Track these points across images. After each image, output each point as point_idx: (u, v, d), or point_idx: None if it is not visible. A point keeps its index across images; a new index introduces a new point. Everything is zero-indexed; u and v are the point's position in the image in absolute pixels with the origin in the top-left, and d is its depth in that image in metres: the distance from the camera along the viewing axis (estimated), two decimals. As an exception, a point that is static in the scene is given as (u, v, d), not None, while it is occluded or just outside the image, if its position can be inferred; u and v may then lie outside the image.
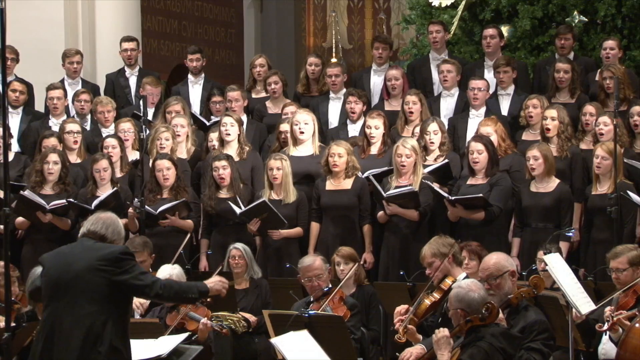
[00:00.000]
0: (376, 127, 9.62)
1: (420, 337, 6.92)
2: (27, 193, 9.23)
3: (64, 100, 10.82)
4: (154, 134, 9.88)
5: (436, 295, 7.21)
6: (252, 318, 8.51)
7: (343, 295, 7.94)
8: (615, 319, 6.78)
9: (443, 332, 6.21)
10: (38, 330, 5.89)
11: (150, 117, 10.54)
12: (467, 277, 7.40)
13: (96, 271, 5.70)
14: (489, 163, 8.97)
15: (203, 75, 11.52)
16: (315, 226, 9.33)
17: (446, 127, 9.82)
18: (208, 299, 7.92)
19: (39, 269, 6.26)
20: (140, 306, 8.15)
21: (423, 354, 6.55)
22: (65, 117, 10.74)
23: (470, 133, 9.84)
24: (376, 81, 11.06)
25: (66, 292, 5.72)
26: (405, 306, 7.19)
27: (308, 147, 9.68)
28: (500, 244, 8.57)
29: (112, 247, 5.82)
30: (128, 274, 5.74)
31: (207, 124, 10.73)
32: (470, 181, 9.07)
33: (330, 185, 9.32)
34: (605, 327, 6.84)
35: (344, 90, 10.69)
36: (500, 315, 6.32)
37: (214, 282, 6.19)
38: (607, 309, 6.98)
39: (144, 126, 9.23)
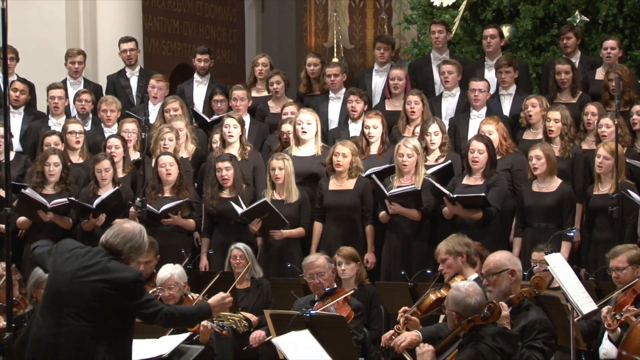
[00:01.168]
0: (374, 126, 9.62)
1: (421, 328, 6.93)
2: (28, 191, 9.23)
3: (64, 100, 10.83)
4: (157, 134, 9.89)
5: (443, 292, 7.23)
6: (253, 318, 8.51)
7: (348, 297, 7.94)
8: (621, 318, 6.80)
9: (427, 347, 6.25)
10: (25, 331, 5.85)
11: (155, 114, 10.56)
12: (477, 279, 7.42)
13: (102, 296, 5.68)
14: (487, 164, 8.97)
15: (209, 75, 11.53)
16: (318, 226, 9.33)
17: (447, 127, 9.82)
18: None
19: (39, 270, 6.25)
20: None
21: (417, 341, 6.56)
22: (64, 117, 10.75)
23: (471, 133, 9.83)
24: (378, 81, 11.07)
25: (65, 304, 5.69)
26: (407, 308, 7.22)
27: (310, 147, 9.68)
28: (497, 245, 8.55)
29: (125, 272, 5.76)
30: (135, 300, 5.74)
31: (209, 120, 10.73)
32: (466, 180, 9.05)
33: (333, 185, 9.32)
34: (614, 326, 6.85)
35: (344, 89, 10.70)
36: (505, 312, 6.32)
37: (217, 303, 6.22)
38: (605, 309, 6.99)
39: (145, 126, 9.23)
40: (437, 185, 8.90)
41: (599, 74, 10.35)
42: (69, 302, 5.68)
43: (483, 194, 8.78)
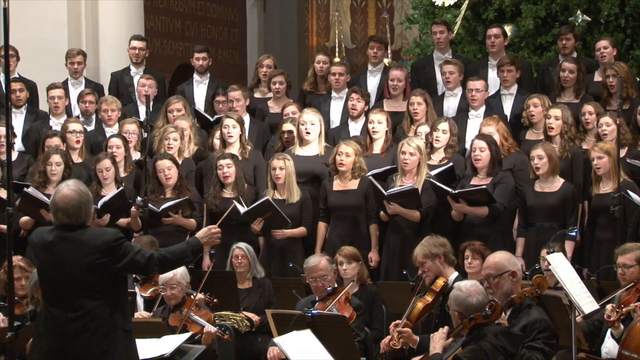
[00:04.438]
0: (379, 121, 9.62)
1: (417, 338, 6.92)
2: (31, 190, 9.24)
3: (64, 99, 10.83)
4: (162, 134, 9.89)
5: (428, 298, 7.23)
6: (255, 317, 8.51)
7: (349, 296, 7.94)
8: (623, 310, 6.81)
9: (442, 330, 6.31)
10: (39, 328, 5.85)
11: (143, 112, 10.55)
12: (459, 277, 7.45)
13: (94, 267, 5.66)
14: (491, 162, 8.97)
15: (208, 75, 11.52)
16: (322, 226, 9.34)
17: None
18: (215, 300, 7.99)
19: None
20: None
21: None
22: (65, 116, 10.75)
23: (469, 133, 9.85)
24: (373, 81, 11.05)
25: (65, 290, 5.69)
26: (398, 321, 7.24)
27: (314, 147, 9.68)
28: (504, 244, 8.56)
29: (103, 236, 5.73)
30: (124, 258, 5.70)
31: (212, 119, 10.73)
32: (473, 181, 9.07)
33: (337, 185, 9.32)
34: (613, 317, 6.86)
35: (346, 89, 10.69)
36: (502, 315, 6.33)
37: (205, 235, 6.10)
38: (609, 307, 6.99)
39: (148, 126, 9.24)
40: (438, 183, 8.90)
41: (597, 76, 10.34)
42: (73, 288, 5.68)
43: (484, 187, 8.78)
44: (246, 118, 10.45)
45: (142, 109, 10.61)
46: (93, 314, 5.66)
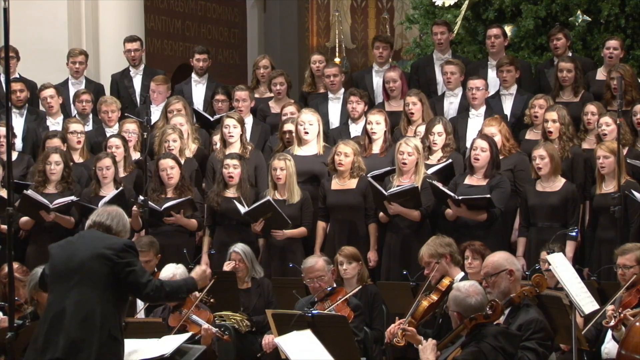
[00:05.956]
0: (377, 122, 9.62)
1: (421, 337, 6.92)
2: (30, 192, 9.24)
3: (57, 98, 10.81)
4: (161, 136, 9.88)
5: (434, 297, 7.24)
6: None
7: (347, 298, 7.93)
8: (622, 315, 6.80)
9: (432, 341, 6.37)
10: (43, 313, 6.03)
11: (156, 117, 10.54)
12: (465, 277, 7.45)
13: (101, 258, 5.87)
14: (489, 163, 8.95)
15: (207, 75, 11.52)
16: (321, 225, 9.33)
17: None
18: (212, 300, 7.99)
19: (39, 270, 6.35)
20: None
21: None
22: (62, 116, 10.75)
23: (470, 133, 9.84)
24: (378, 81, 11.05)
25: (70, 278, 5.87)
26: (401, 320, 7.24)
27: (312, 147, 9.69)
28: (500, 246, 8.53)
29: (116, 238, 6.02)
30: (128, 267, 5.91)
31: (211, 119, 10.73)
32: (468, 180, 9.04)
33: (335, 185, 9.32)
34: (612, 322, 6.85)
35: (342, 90, 10.69)
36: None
37: (200, 276, 6.38)
38: (610, 307, 6.99)
39: (147, 126, 9.23)
40: (441, 187, 8.88)
41: (600, 74, 10.34)
42: (78, 275, 5.87)
43: (489, 196, 8.76)
44: (249, 119, 10.45)
45: (154, 109, 10.62)
46: (91, 302, 5.82)
